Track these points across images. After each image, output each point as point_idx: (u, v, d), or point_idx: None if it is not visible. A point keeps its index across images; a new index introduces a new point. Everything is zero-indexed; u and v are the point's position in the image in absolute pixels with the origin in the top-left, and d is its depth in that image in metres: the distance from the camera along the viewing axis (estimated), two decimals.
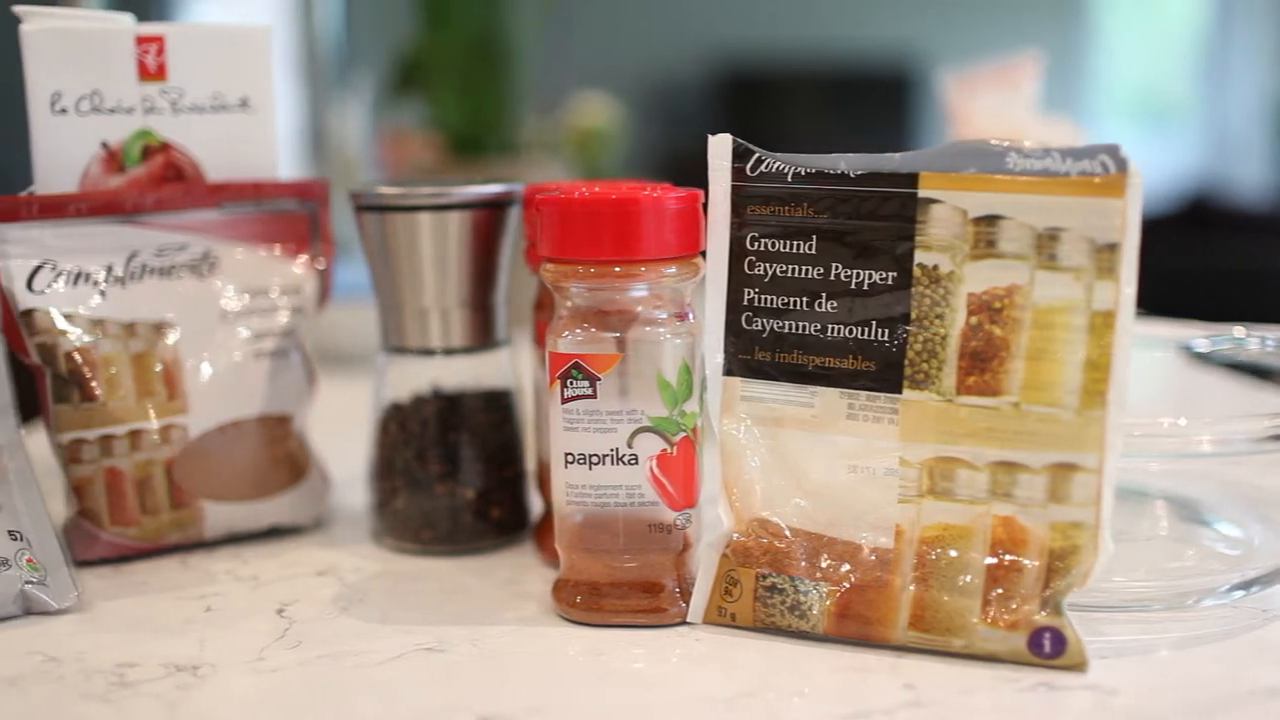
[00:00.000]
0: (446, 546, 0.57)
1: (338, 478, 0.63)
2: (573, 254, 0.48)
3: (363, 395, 0.79)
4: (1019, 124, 0.76)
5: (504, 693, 0.44)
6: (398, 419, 0.58)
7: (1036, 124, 0.78)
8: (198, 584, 0.55)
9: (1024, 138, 0.48)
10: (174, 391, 0.57)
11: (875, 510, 0.48)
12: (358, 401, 0.74)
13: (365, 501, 0.62)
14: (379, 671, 0.46)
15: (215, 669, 0.46)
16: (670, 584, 0.50)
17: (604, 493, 0.48)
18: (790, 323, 0.49)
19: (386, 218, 0.56)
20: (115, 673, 0.46)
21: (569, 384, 0.48)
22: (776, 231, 0.49)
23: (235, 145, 0.60)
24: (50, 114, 0.57)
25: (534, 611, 0.51)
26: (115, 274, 0.57)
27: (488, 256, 0.57)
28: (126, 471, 0.56)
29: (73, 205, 0.57)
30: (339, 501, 0.64)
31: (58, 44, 0.57)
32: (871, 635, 0.47)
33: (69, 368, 0.56)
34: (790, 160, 0.48)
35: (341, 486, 0.64)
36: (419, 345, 0.57)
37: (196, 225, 0.59)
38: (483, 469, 0.57)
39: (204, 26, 0.60)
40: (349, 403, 0.76)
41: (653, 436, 0.48)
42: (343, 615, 0.51)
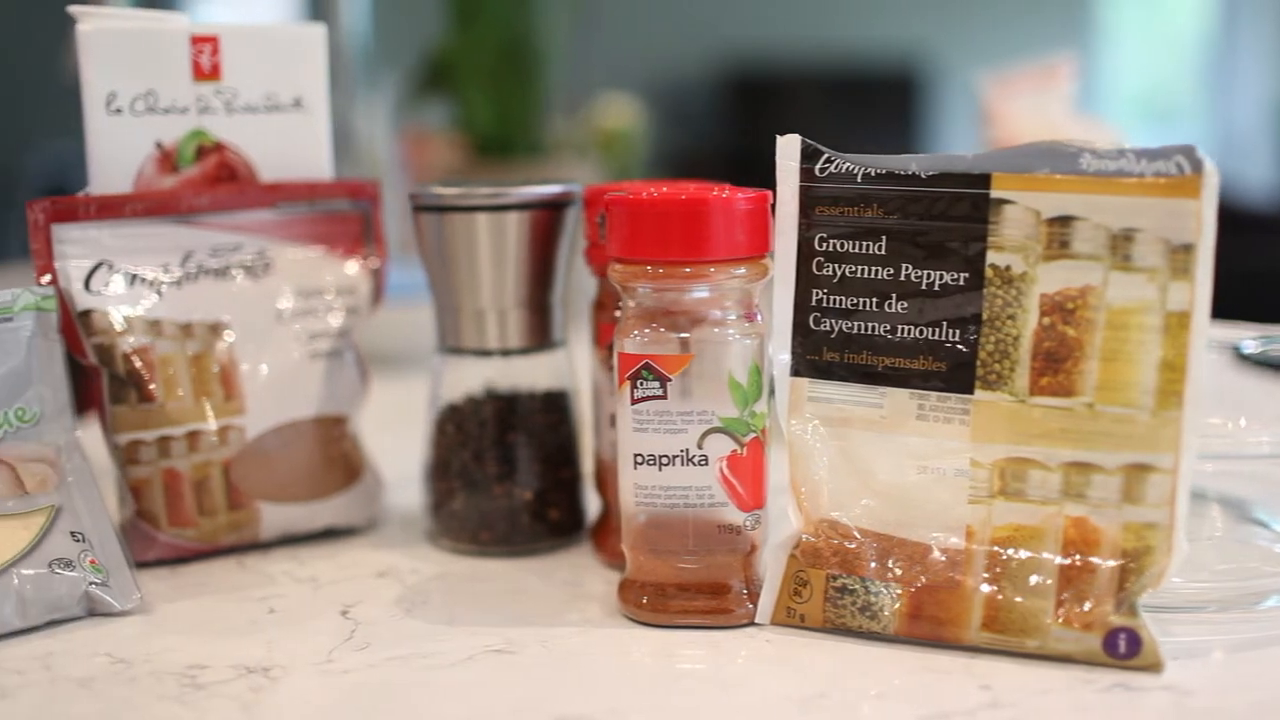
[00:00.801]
0: (504, 548, 0.57)
1: (387, 478, 0.63)
2: (642, 254, 0.48)
3: (407, 395, 0.79)
4: (1057, 124, 0.76)
5: (580, 694, 0.44)
6: (455, 420, 0.58)
7: (1074, 124, 0.78)
8: (257, 585, 0.55)
9: (1063, 138, 0.48)
10: (231, 392, 0.57)
11: (945, 511, 0.48)
12: (403, 401, 0.74)
13: (418, 502, 0.62)
14: (451, 673, 0.46)
15: (286, 671, 0.46)
16: (737, 585, 0.49)
17: (673, 494, 0.48)
18: (859, 323, 0.49)
19: (444, 218, 0.56)
20: (187, 675, 0.46)
21: (639, 385, 0.48)
22: (845, 232, 0.49)
23: (288, 145, 0.60)
24: (105, 114, 0.57)
25: (599, 613, 0.51)
26: (171, 274, 0.57)
27: (545, 257, 0.57)
28: (184, 473, 0.56)
29: (130, 205, 0.56)
30: (390, 502, 0.64)
31: (113, 44, 0.57)
32: (944, 636, 0.47)
33: (127, 369, 0.55)
34: (859, 161, 0.48)
35: (392, 487, 0.64)
36: (476, 346, 0.57)
37: (251, 225, 0.59)
38: (540, 470, 0.57)
39: (258, 27, 0.60)
40: (394, 403, 0.75)
41: (723, 437, 0.48)
42: (408, 617, 0.51)
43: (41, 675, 0.46)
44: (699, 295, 0.48)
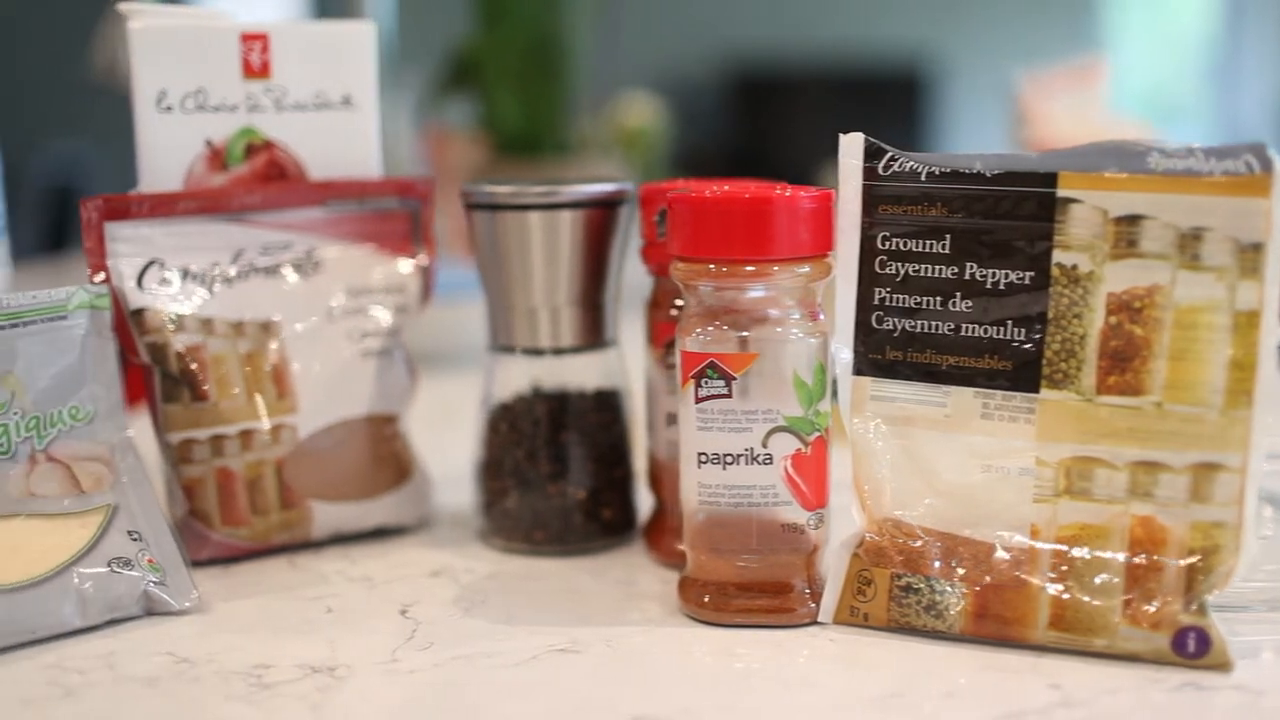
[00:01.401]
0: (557, 547, 0.57)
1: (433, 477, 0.63)
2: (705, 253, 0.48)
3: (449, 393, 0.79)
4: (1094, 124, 0.76)
5: (650, 694, 0.44)
6: (508, 419, 0.57)
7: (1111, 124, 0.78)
8: (311, 585, 0.54)
9: (1101, 137, 0.48)
10: (283, 391, 0.57)
11: (1009, 510, 0.48)
12: (445, 400, 0.74)
13: (466, 501, 0.62)
14: (517, 673, 0.45)
15: (352, 670, 0.46)
16: (800, 584, 0.49)
17: (738, 493, 0.48)
18: (922, 322, 0.49)
19: (497, 216, 0.56)
20: (252, 674, 0.45)
21: (703, 383, 0.48)
22: (909, 231, 0.49)
23: (336, 143, 0.60)
24: (156, 112, 0.57)
25: (659, 612, 0.51)
26: (222, 272, 0.57)
27: (598, 255, 0.56)
28: (238, 472, 0.56)
29: (182, 203, 0.56)
30: (438, 501, 0.64)
31: (163, 42, 0.57)
32: (1010, 635, 0.47)
33: (180, 367, 0.55)
34: (923, 160, 0.48)
35: (438, 486, 0.63)
36: (528, 344, 0.57)
37: (300, 224, 0.58)
38: (594, 469, 0.57)
39: (308, 25, 0.60)
40: (437, 401, 0.75)
41: (788, 436, 0.48)
42: (467, 616, 0.51)
43: (105, 675, 0.46)
44: (762, 294, 0.48)
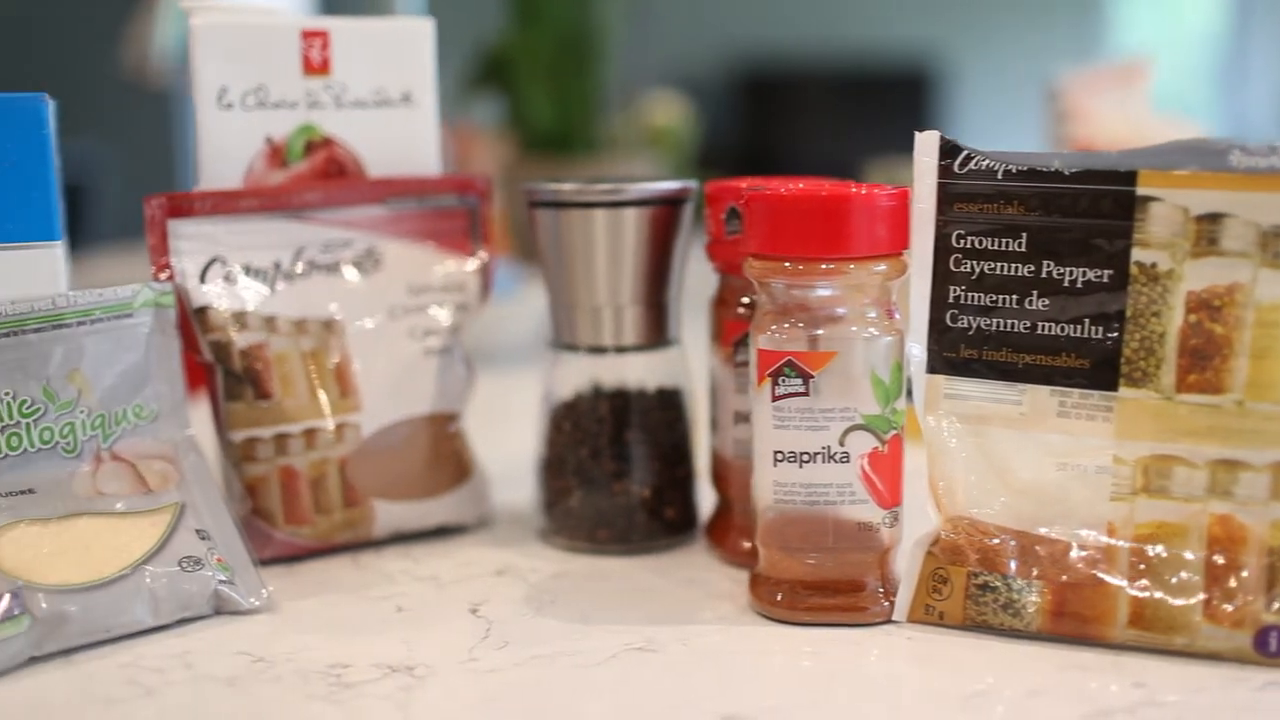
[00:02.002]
0: (620, 546, 0.57)
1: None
2: (782, 250, 0.48)
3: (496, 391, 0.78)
4: (1140, 121, 0.77)
5: (735, 693, 0.44)
6: (571, 417, 0.57)
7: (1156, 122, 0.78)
8: (377, 584, 0.54)
9: (1147, 135, 0.48)
10: (346, 389, 0.57)
11: (1086, 508, 0.48)
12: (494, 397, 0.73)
13: (521, 499, 0.62)
14: (598, 672, 0.45)
15: (431, 670, 0.45)
16: (873, 583, 0.49)
17: (814, 491, 0.48)
18: (998, 320, 0.48)
19: (561, 214, 0.56)
20: (331, 674, 0.45)
21: (780, 381, 0.48)
22: (984, 229, 0.48)
23: (395, 140, 0.60)
24: (216, 109, 0.57)
25: (730, 610, 0.51)
26: (283, 270, 0.57)
27: (662, 254, 0.56)
28: (301, 470, 0.56)
29: (244, 201, 0.56)
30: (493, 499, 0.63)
31: (225, 39, 0.56)
32: (1089, 633, 0.47)
33: (244, 365, 0.55)
34: (1000, 158, 0.48)
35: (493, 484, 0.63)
36: (591, 343, 0.57)
37: (361, 221, 0.58)
38: (658, 468, 0.57)
39: (368, 21, 0.59)
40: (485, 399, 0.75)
41: (865, 434, 0.48)
42: (539, 615, 0.50)
43: (183, 674, 0.46)
44: (839, 292, 0.48)
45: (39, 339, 0.51)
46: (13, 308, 0.51)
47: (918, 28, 3.79)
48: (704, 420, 0.59)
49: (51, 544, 0.49)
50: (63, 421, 0.52)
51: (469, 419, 0.64)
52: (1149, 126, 0.78)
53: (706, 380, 0.58)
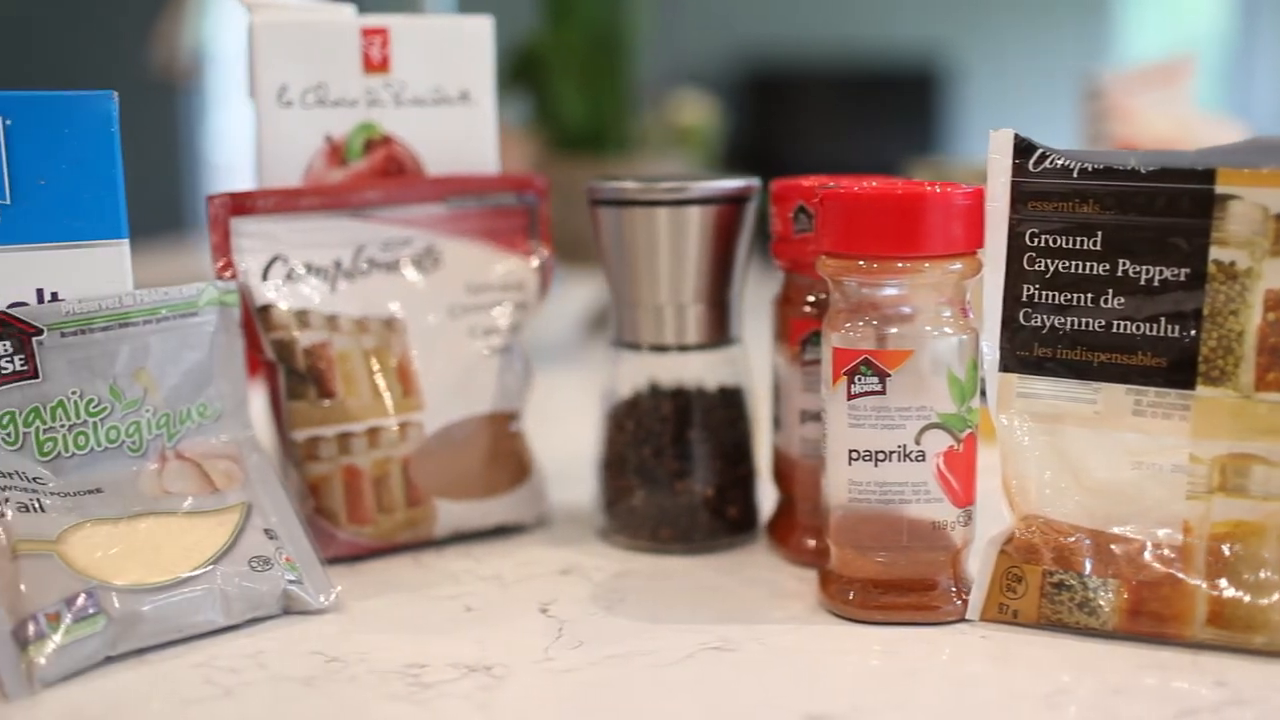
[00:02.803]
0: (682, 545, 0.57)
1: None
2: (858, 249, 0.48)
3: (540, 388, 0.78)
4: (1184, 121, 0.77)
5: (817, 692, 0.43)
6: (633, 416, 0.57)
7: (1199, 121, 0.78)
8: (442, 583, 0.54)
9: (1193, 134, 0.48)
10: (409, 388, 0.56)
11: (1161, 507, 0.48)
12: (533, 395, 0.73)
13: (575, 497, 0.62)
14: (676, 671, 0.45)
15: (509, 669, 0.45)
16: (945, 581, 0.49)
17: (888, 490, 0.48)
18: (1072, 319, 0.48)
19: (624, 212, 0.56)
20: (408, 674, 0.45)
21: (856, 380, 0.48)
22: (1058, 227, 0.48)
23: (454, 139, 0.60)
24: (276, 107, 0.57)
25: (801, 609, 0.51)
26: (344, 268, 0.56)
27: (725, 252, 0.56)
28: (364, 469, 0.55)
29: (305, 199, 0.56)
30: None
31: (285, 37, 0.56)
32: (1166, 632, 0.46)
33: (307, 364, 0.55)
34: (1075, 156, 0.48)
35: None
36: (653, 341, 0.57)
37: (420, 220, 0.58)
38: (720, 467, 0.57)
39: (427, 19, 0.59)
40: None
41: (940, 433, 0.48)
42: (609, 615, 0.50)
43: (258, 674, 0.45)
44: (914, 290, 0.48)
45: (105, 337, 0.51)
46: (80, 306, 0.51)
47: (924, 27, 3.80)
48: (765, 419, 0.59)
49: (122, 544, 0.48)
50: (129, 420, 0.52)
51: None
52: (1194, 126, 0.78)
53: (769, 378, 0.57)
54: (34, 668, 0.44)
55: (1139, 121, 0.76)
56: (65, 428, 0.51)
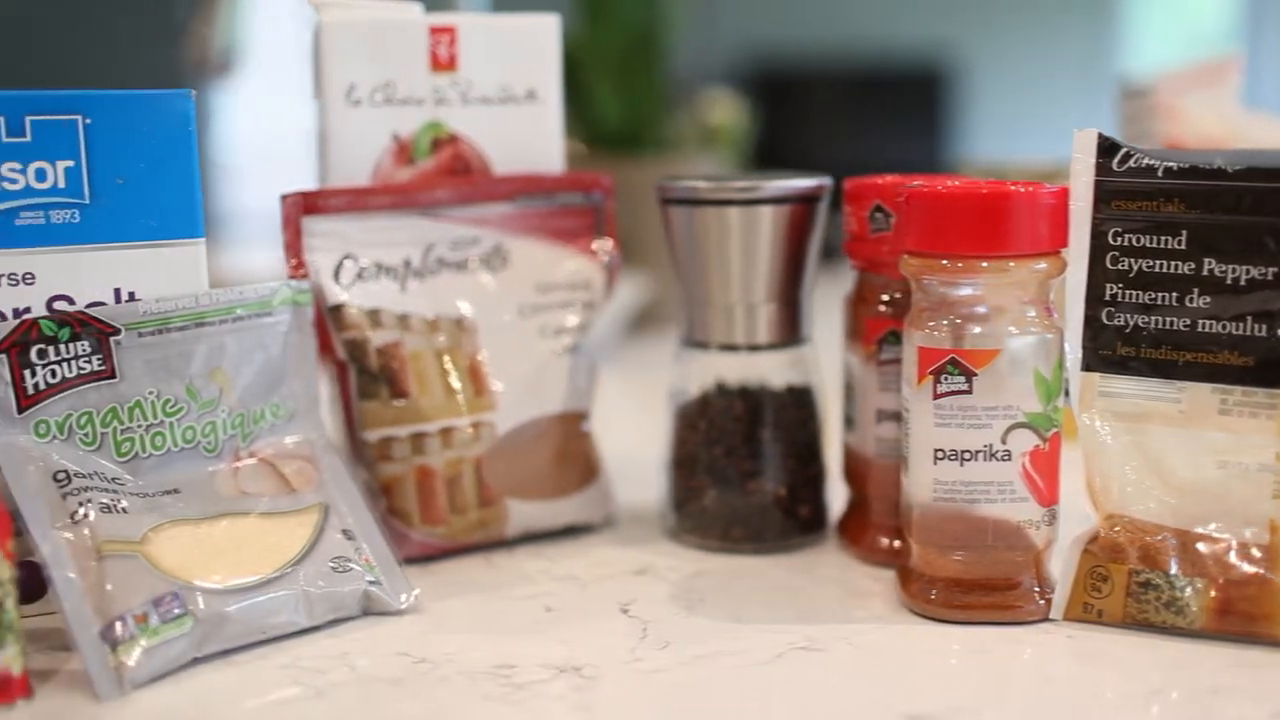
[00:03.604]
0: (753, 545, 0.56)
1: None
2: (943, 248, 0.48)
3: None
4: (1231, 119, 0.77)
5: (912, 692, 0.43)
6: (705, 416, 0.57)
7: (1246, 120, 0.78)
8: (518, 584, 0.54)
9: (1241, 133, 0.48)
10: (481, 388, 0.56)
11: (1247, 506, 0.48)
12: None
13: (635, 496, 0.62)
14: (768, 672, 0.45)
15: (599, 670, 0.45)
16: (1028, 580, 0.49)
17: (974, 489, 0.48)
18: (1156, 318, 0.48)
19: (696, 211, 0.55)
20: (499, 674, 0.45)
21: (942, 379, 0.48)
22: (1142, 226, 0.48)
23: (520, 137, 0.59)
24: (345, 105, 0.56)
25: (882, 608, 0.51)
26: (413, 268, 0.56)
27: (797, 252, 0.56)
28: (437, 469, 0.55)
29: (375, 198, 0.56)
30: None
31: (354, 35, 0.56)
32: (1256, 632, 0.46)
33: (380, 364, 0.55)
34: (1160, 156, 0.48)
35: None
36: (724, 341, 0.57)
37: (488, 219, 0.58)
38: (792, 466, 0.57)
39: (494, 17, 0.59)
40: None
41: (1026, 432, 0.48)
42: (691, 615, 0.50)
43: (347, 675, 0.45)
44: (1000, 290, 0.48)
45: (182, 337, 0.51)
46: (157, 306, 0.50)
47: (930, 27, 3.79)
48: (836, 418, 0.59)
49: (205, 544, 0.48)
50: (204, 420, 0.51)
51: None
52: (1241, 124, 0.78)
53: (839, 377, 0.57)
54: (124, 669, 0.44)
55: (1186, 120, 0.76)
56: (142, 428, 0.50)
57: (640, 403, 0.59)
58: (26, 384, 0.49)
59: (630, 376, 0.92)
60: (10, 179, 0.48)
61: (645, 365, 0.62)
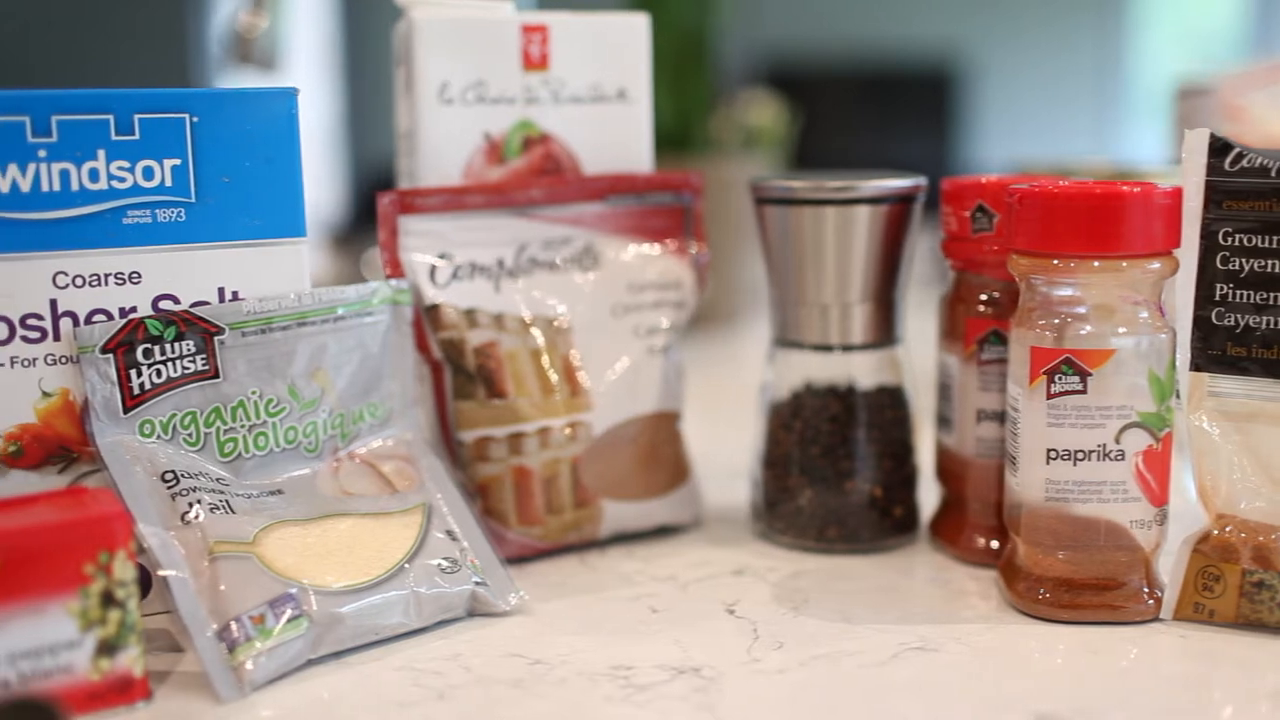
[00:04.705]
0: (848, 545, 0.56)
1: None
2: (1055, 247, 0.48)
3: None
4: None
5: (1037, 691, 0.43)
6: (800, 416, 0.57)
7: None
8: (616, 585, 0.54)
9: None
10: (576, 388, 0.56)
11: None
12: None
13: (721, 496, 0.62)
14: (888, 672, 0.45)
15: (717, 671, 0.45)
16: (1137, 580, 0.49)
17: (1087, 489, 0.48)
18: (1268, 318, 0.48)
19: (791, 211, 0.55)
20: (617, 675, 0.45)
21: (1056, 379, 0.48)
22: (1255, 226, 0.48)
23: (610, 137, 0.59)
24: (438, 104, 0.56)
25: (988, 608, 0.50)
26: (507, 267, 0.56)
27: (892, 252, 0.56)
28: (535, 470, 0.55)
29: (470, 197, 0.55)
30: None
31: (447, 34, 0.56)
32: None
33: (477, 363, 0.54)
34: (1273, 156, 0.48)
35: None
36: (818, 341, 0.56)
37: (579, 218, 0.58)
38: (889, 467, 0.57)
39: (585, 16, 0.59)
40: None
41: (1140, 432, 0.48)
42: (798, 615, 0.50)
43: (464, 676, 0.45)
44: (1114, 289, 0.48)
45: (284, 337, 0.51)
46: (261, 305, 0.50)
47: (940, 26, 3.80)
48: (928, 418, 0.59)
49: (315, 545, 0.48)
50: (306, 421, 0.51)
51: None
52: None
53: (932, 377, 0.57)
54: (243, 671, 0.44)
55: (1248, 120, 0.76)
56: (245, 428, 0.50)
57: (695, 402, 0.59)
58: (133, 383, 0.48)
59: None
60: (119, 177, 0.48)
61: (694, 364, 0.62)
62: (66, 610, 0.41)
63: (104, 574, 0.42)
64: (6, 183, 0.46)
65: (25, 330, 0.47)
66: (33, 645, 0.41)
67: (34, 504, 0.43)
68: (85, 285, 0.48)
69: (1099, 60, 3.80)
